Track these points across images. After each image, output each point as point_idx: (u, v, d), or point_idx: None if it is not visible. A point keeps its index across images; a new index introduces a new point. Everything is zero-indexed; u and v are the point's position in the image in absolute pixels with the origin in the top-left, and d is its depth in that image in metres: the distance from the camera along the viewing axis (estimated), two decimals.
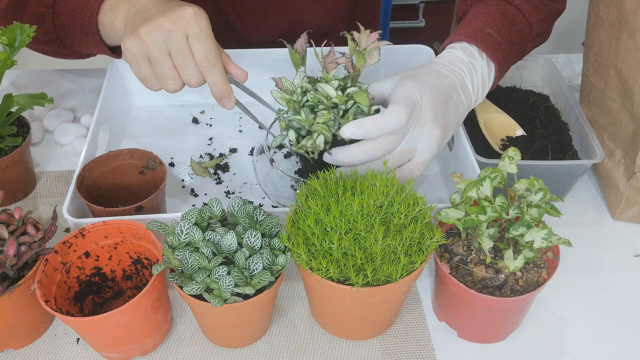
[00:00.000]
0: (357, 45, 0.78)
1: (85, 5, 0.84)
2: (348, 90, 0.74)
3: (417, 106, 0.73)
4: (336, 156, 0.73)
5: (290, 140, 0.75)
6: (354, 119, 0.74)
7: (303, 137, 0.75)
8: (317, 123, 0.73)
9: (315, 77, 0.77)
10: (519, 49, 0.89)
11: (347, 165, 0.74)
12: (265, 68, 1.01)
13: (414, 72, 0.78)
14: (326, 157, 0.74)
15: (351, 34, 0.78)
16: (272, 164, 0.82)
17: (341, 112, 0.75)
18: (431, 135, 0.75)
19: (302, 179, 0.78)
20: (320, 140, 0.74)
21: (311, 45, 0.79)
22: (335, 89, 0.74)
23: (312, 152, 0.75)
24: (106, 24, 0.83)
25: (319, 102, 0.75)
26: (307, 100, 0.75)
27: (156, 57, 0.73)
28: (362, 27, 0.78)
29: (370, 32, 0.78)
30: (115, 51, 0.90)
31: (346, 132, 0.70)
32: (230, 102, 0.77)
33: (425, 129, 0.74)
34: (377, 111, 0.76)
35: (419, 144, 0.75)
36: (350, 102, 0.75)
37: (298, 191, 0.71)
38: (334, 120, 0.74)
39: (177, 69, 0.74)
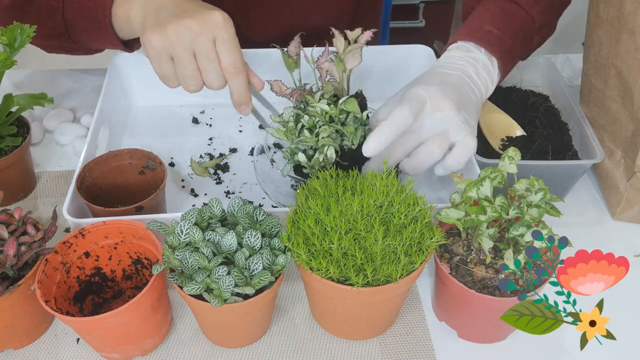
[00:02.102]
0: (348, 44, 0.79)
1: None
2: (340, 102, 0.77)
3: (425, 102, 0.74)
4: (368, 166, 0.76)
5: (302, 163, 0.77)
6: (359, 130, 0.78)
7: (312, 157, 0.78)
8: (323, 138, 0.76)
9: (302, 106, 0.80)
10: (524, 42, 0.89)
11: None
12: (267, 68, 1.00)
13: (416, 79, 0.80)
14: (364, 172, 0.75)
15: (343, 33, 0.79)
16: (272, 164, 0.82)
17: (339, 124, 0.77)
18: (458, 118, 0.74)
19: (302, 179, 0.78)
20: (330, 152, 0.76)
21: (303, 46, 0.81)
22: (328, 105, 0.77)
23: (325, 168, 0.77)
24: (120, 16, 0.82)
25: (314, 123, 0.77)
26: (303, 126, 0.78)
27: (181, 57, 0.73)
28: (335, 31, 0.79)
29: (363, 31, 0.79)
30: (127, 44, 0.90)
31: (369, 150, 0.70)
32: (248, 109, 0.78)
33: (447, 115, 0.74)
34: (367, 116, 0.79)
35: (451, 127, 0.74)
36: (344, 114, 0.78)
37: (298, 191, 0.72)
38: (337, 132, 0.77)
39: (200, 71, 0.74)
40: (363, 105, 0.82)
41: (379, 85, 1.04)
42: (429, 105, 0.74)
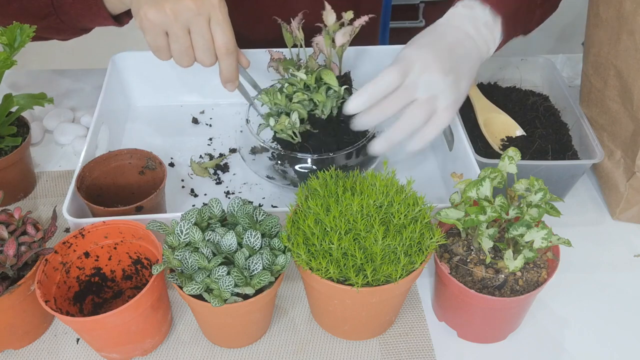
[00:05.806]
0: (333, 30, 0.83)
1: None
2: (316, 71, 0.82)
3: (414, 63, 0.75)
4: (359, 119, 0.75)
5: (270, 126, 0.83)
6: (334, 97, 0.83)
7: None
8: (293, 103, 0.81)
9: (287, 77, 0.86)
10: (527, 10, 0.88)
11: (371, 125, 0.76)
12: (263, 69, 1.00)
13: (414, 38, 0.81)
14: (353, 125, 0.76)
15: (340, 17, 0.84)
16: (247, 124, 0.87)
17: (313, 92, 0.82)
18: (444, 82, 0.76)
19: (282, 150, 0.84)
20: (295, 117, 0.80)
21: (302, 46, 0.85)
22: (306, 74, 0.82)
23: (296, 136, 0.81)
24: None
25: (293, 92, 0.82)
26: (283, 92, 0.83)
27: (176, 34, 0.76)
28: (327, 5, 0.83)
29: (354, 17, 0.83)
30: (117, 18, 0.90)
31: (351, 107, 0.73)
32: (234, 86, 0.83)
33: (435, 78, 0.75)
34: (347, 89, 0.83)
35: (438, 92, 0.76)
36: (322, 84, 0.83)
37: (297, 186, 0.74)
38: (309, 100, 0.82)
39: (193, 48, 0.78)
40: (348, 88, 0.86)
41: None
42: (417, 66, 0.75)
